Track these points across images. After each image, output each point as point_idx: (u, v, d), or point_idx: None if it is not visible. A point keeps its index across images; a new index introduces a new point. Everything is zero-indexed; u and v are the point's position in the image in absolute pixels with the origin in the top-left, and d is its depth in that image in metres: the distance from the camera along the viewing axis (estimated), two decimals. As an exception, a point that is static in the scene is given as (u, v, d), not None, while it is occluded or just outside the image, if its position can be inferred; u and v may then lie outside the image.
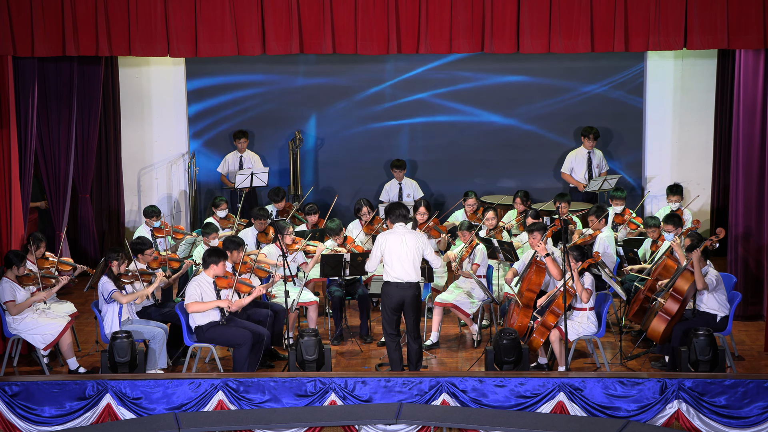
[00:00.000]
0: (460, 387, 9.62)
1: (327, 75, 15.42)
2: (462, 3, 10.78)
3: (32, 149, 11.70)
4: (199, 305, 10.26)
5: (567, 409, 9.54)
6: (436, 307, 11.35)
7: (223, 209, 13.25)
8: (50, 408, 9.65)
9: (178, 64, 15.17)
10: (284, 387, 9.67)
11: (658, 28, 10.71)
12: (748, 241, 11.77)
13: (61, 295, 11.69)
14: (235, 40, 10.87)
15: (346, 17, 10.84)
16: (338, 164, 15.59)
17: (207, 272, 10.42)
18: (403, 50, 10.94)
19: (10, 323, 10.56)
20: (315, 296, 11.51)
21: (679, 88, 15.02)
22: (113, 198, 14.81)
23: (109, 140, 14.64)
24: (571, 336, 10.36)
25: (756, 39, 10.65)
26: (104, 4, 10.76)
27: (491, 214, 12.31)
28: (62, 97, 12.65)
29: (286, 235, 11.42)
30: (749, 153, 11.62)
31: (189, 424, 9.29)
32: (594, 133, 14.56)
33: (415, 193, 14.69)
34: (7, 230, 11.09)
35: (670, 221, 11.69)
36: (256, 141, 15.46)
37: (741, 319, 11.77)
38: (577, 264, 10.38)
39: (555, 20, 10.77)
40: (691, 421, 9.46)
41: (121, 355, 10.08)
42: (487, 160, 15.53)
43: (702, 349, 9.93)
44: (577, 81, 15.28)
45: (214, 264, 10.39)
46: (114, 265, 10.60)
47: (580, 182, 14.59)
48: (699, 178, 14.92)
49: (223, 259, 10.46)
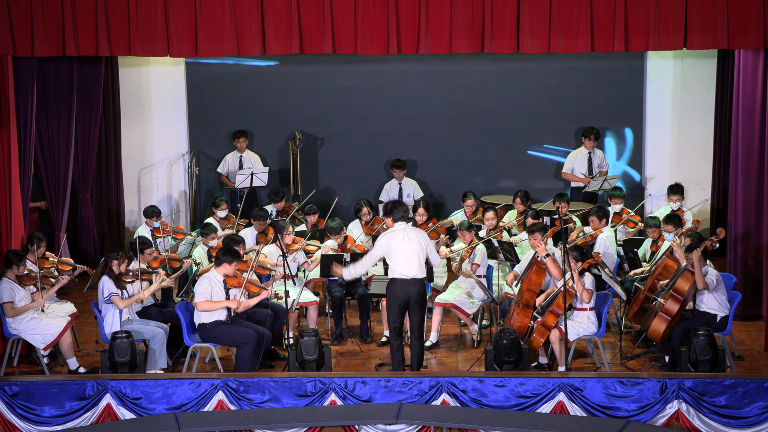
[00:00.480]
0: (460, 387, 9.62)
1: (327, 74, 15.42)
2: (462, 3, 10.78)
3: (32, 149, 11.69)
4: (209, 304, 10.26)
5: (567, 409, 9.54)
6: (436, 307, 11.35)
7: (224, 209, 13.25)
8: (50, 408, 9.65)
9: (178, 64, 15.17)
10: (284, 387, 9.67)
11: (658, 28, 10.71)
12: (748, 241, 11.77)
13: (61, 295, 11.71)
14: (235, 40, 10.87)
15: (346, 17, 10.84)
16: (338, 164, 15.59)
17: (218, 270, 10.43)
18: (403, 50, 10.94)
19: (10, 323, 10.56)
20: (315, 296, 11.51)
21: (679, 88, 15.02)
22: (113, 198, 14.81)
23: (109, 140, 14.65)
24: (571, 336, 10.36)
25: (756, 39, 10.65)
26: (104, 4, 10.76)
27: (491, 214, 12.30)
28: (62, 97, 12.65)
29: (286, 235, 11.43)
30: (749, 153, 11.62)
31: (189, 424, 9.29)
32: (594, 134, 14.56)
33: (415, 193, 14.69)
34: (7, 230, 11.08)
35: (670, 221, 11.69)
36: (257, 141, 15.46)
37: (739, 319, 11.76)
38: (577, 264, 10.38)
39: (555, 20, 10.77)
40: (691, 421, 9.46)
41: (121, 355, 10.08)
42: (487, 160, 15.53)
43: (702, 349, 9.93)
44: (577, 81, 15.28)
45: (227, 263, 10.39)
46: (114, 265, 10.60)
47: (574, 186, 14.62)
48: (699, 178, 14.92)
49: (237, 259, 10.46)
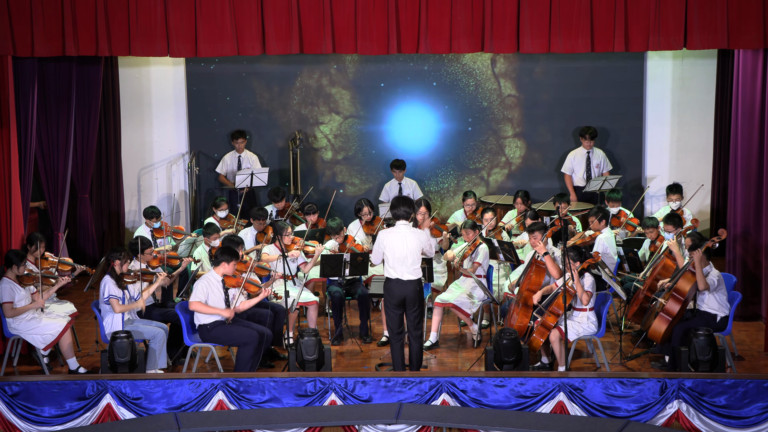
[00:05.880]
0: (460, 387, 9.62)
1: (327, 74, 15.43)
2: (462, 3, 10.78)
3: (32, 149, 11.69)
4: (202, 307, 10.26)
5: (567, 409, 9.54)
6: (436, 307, 11.36)
7: (224, 209, 13.25)
8: (50, 408, 9.65)
9: (178, 64, 15.17)
10: (284, 387, 9.67)
11: (658, 28, 10.72)
12: (747, 240, 11.77)
13: (61, 295, 11.71)
14: (235, 40, 10.88)
15: (346, 17, 10.84)
16: (339, 164, 15.59)
17: (216, 270, 10.43)
18: (403, 50, 10.94)
19: (11, 323, 10.56)
20: (315, 296, 11.52)
21: (679, 88, 15.03)
22: (113, 198, 14.81)
23: (109, 140, 14.65)
24: (571, 336, 10.36)
25: (756, 39, 10.65)
26: (104, 4, 10.76)
27: (490, 214, 12.31)
28: (61, 97, 12.64)
29: (285, 235, 11.43)
30: (748, 153, 11.62)
31: (189, 424, 9.29)
32: (590, 133, 14.58)
33: (415, 193, 14.70)
34: (7, 230, 11.08)
35: (670, 221, 11.69)
36: (256, 141, 15.46)
37: (739, 319, 11.76)
38: (576, 264, 10.38)
39: (555, 20, 10.77)
40: (691, 421, 9.46)
41: (121, 355, 10.08)
42: (487, 160, 15.53)
43: (702, 349, 9.93)
44: (577, 81, 15.28)
45: (226, 262, 10.39)
46: (116, 265, 10.59)
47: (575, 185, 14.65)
48: (699, 178, 14.92)
49: (235, 258, 10.46)
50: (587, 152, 14.65)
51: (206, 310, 10.27)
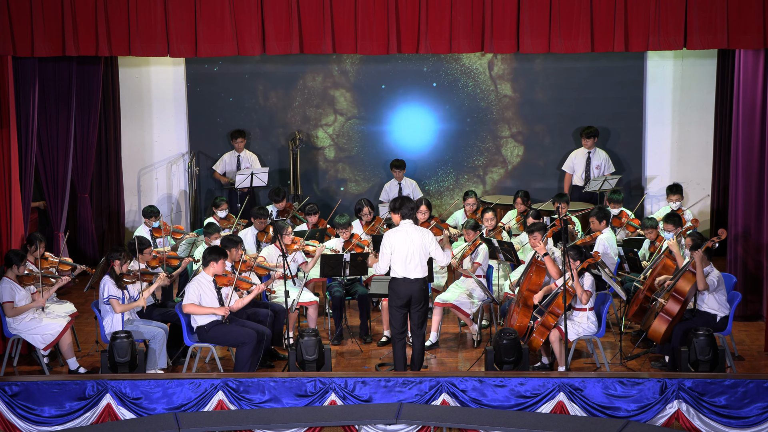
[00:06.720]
0: (460, 387, 9.62)
1: (327, 74, 15.43)
2: (462, 3, 10.78)
3: (32, 149, 11.69)
4: (195, 308, 10.26)
5: (567, 409, 9.54)
6: (436, 307, 11.35)
7: (224, 209, 13.26)
8: (50, 408, 9.65)
9: (178, 64, 15.17)
10: (284, 387, 9.67)
11: (658, 28, 10.71)
12: (748, 240, 11.77)
13: (61, 295, 11.70)
14: (235, 40, 10.87)
15: (346, 17, 10.84)
16: (339, 164, 15.59)
17: (206, 270, 10.43)
18: (403, 50, 10.94)
19: (10, 323, 10.56)
20: (315, 296, 11.51)
21: (678, 88, 15.03)
22: (113, 198, 14.81)
23: (109, 140, 14.65)
24: (571, 336, 10.36)
25: (756, 39, 10.65)
26: (104, 4, 10.76)
27: (490, 214, 12.31)
28: (61, 97, 12.63)
29: (285, 235, 11.43)
30: (749, 153, 11.62)
31: (189, 424, 9.29)
32: (589, 133, 14.58)
33: (414, 193, 14.70)
34: (7, 230, 11.08)
35: (669, 220, 11.69)
36: (256, 140, 15.46)
37: (739, 319, 11.77)
38: (576, 263, 10.38)
39: (555, 20, 10.77)
40: (691, 421, 9.46)
41: (121, 355, 10.08)
42: (487, 160, 15.53)
43: (702, 349, 9.93)
44: (577, 81, 15.28)
45: (214, 262, 10.40)
46: (116, 265, 10.59)
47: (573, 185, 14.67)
48: (699, 178, 14.93)
49: (223, 257, 10.46)
50: (588, 152, 14.66)
51: (200, 311, 10.27)
